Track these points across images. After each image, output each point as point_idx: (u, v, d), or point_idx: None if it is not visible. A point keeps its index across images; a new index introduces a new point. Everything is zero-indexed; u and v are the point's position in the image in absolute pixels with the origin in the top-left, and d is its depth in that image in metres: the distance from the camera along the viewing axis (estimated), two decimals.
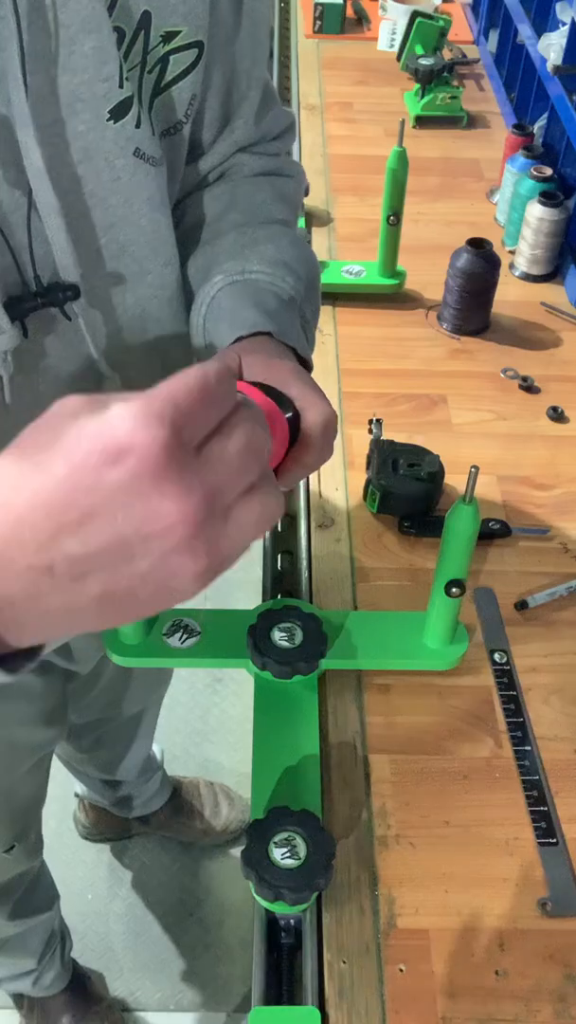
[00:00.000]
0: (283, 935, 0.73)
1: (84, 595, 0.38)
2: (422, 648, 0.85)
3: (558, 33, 1.44)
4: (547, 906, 0.73)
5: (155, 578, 0.39)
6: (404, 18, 1.77)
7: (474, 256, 1.20)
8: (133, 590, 0.39)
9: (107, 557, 0.37)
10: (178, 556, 0.38)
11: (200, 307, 0.71)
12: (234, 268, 0.70)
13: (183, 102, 0.67)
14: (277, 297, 0.69)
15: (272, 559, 1.00)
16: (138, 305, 0.71)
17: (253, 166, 0.78)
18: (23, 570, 0.37)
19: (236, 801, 1.76)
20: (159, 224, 0.69)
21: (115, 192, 0.64)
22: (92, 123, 0.60)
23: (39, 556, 0.37)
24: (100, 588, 0.38)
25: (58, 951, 1.45)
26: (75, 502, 0.37)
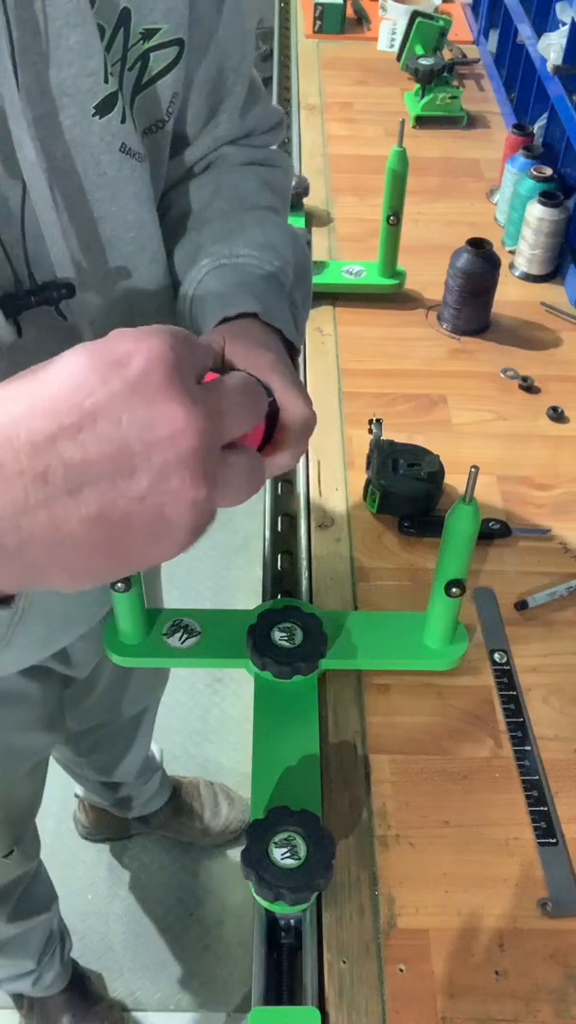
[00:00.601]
0: (283, 935, 0.73)
1: (76, 515, 0.35)
2: (422, 648, 0.85)
3: (558, 33, 1.44)
4: (547, 906, 0.73)
5: (153, 503, 0.36)
6: (404, 18, 1.77)
7: (474, 256, 1.20)
8: (128, 517, 0.36)
9: (107, 466, 0.35)
10: (179, 473, 0.36)
11: (187, 291, 0.70)
12: (221, 251, 0.69)
13: (165, 99, 0.66)
14: (264, 279, 0.68)
15: (272, 559, 1.00)
16: (126, 301, 0.71)
17: (238, 156, 0.78)
18: (14, 476, 0.35)
19: (236, 801, 1.76)
20: (145, 220, 0.68)
21: (101, 187, 0.63)
22: (78, 118, 0.59)
23: (33, 461, 0.35)
24: (95, 507, 0.35)
25: (57, 951, 1.45)
26: (77, 403, 0.35)
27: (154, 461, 0.36)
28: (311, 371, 1.19)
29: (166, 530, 0.37)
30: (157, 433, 0.36)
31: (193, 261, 0.71)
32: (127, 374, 0.36)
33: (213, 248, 0.70)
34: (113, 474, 0.36)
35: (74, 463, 0.35)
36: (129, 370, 0.36)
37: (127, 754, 1.47)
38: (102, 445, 0.35)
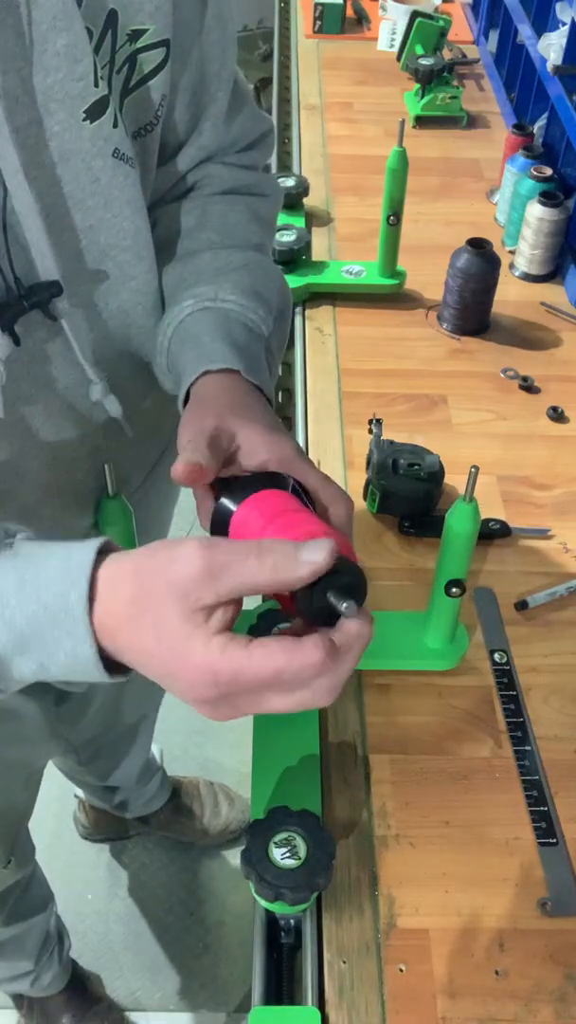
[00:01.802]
0: (283, 935, 0.73)
1: (138, 666, 0.54)
2: (422, 648, 0.85)
3: (558, 33, 1.44)
4: (547, 906, 0.73)
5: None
6: (404, 18, 1.77)
7: (474, 256, 1.20)
8: (163, 684, 0.54)
9: (153, 677, 0.54)
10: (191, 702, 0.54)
11: (167, 328, 0.70)
12: (206, 294, 0.69)
13: (153, 102, 0.65)
14: (247, 330, 0.68)
15: None
16: (122, 311, 0.70)
17: (225, 178, 0.77)
18: (120, 654, 0.54)
19: (236, 801, 1.76)
20: (140, 228, 0.67)
21: (94, 194, 0.62)
22: (67, 123, 0.58)
23: (133, 658, 0.53)
24: (145, 671, 0.54)
25: (55, 951, 1.44)
26: (154, 668, 0.52)
27: (180, 694, 0.54)
28: (311, 371, 1.19)
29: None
30: (186, 700, 0.54)
31: (175, 297, 0.70)
32: (177, 688, 0.53)
33: (199, 288, 0.69)
34: (160, 681, 0.53)
35: (142, 663, 0.53)
36: (178, 687, 0.53)
37: (126, 760, 1.47)
38: (155, 676, 0.53)
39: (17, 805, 1.14)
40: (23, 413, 0.67)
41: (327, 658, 0.50)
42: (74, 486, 0.76)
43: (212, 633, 0.49)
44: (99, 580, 0.52)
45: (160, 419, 0.83)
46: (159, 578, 0.50)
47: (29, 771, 1.09)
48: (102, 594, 0.52)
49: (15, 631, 0.53)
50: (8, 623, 0.52)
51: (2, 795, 1.06)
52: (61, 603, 0.52)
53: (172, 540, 0.52)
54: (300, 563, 0.49)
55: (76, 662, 0.53)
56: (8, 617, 0.52)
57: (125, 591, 0.51)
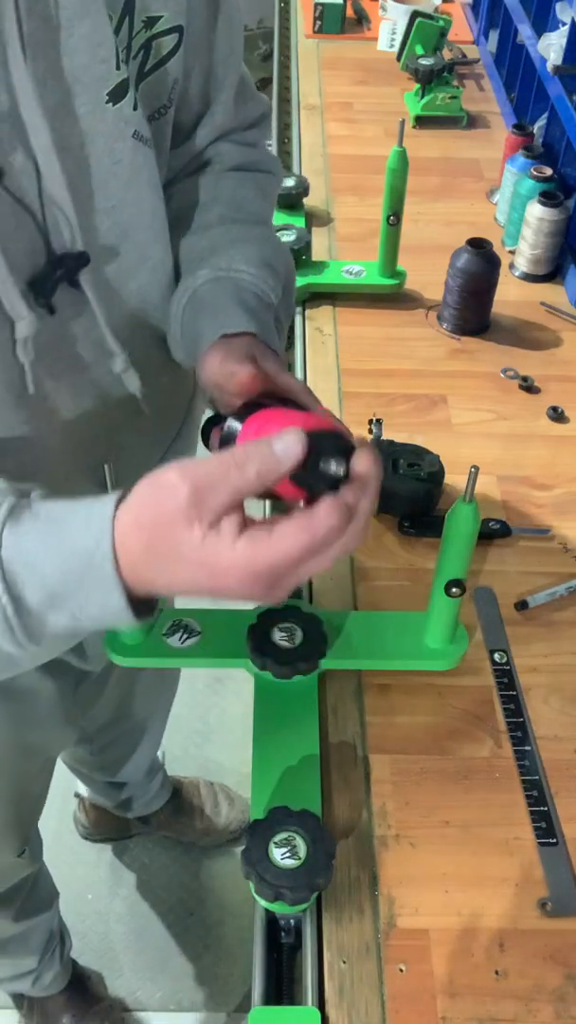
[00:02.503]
0: (283, 935, 0.73)
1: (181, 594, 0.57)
2: (422, 648, 0.85)
3: (558, 33, 1.44)
4: (547, 906, 0.73)
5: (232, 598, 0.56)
6: (404, 18, 1.77)
7: (474, 256, 1.20)
8: (215, 597, 0.56)
9: (201, 596, 0.56)
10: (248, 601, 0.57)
11: (181, 297, 0.72)
12: (220, 264, 0.72)
13: (167, 86, 0.68)
14: (259, 299, 0.71)
15: None
16: (140, 290, 0.72)
17: (234, 155, 0.80)
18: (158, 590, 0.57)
19: (236, 801, 1.76)
20: (157, 208, 0.70)
21: (116, 175, 0.64)
22: (92, 105, 0.60)
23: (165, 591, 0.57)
24: (191, 595, 0.57)
25: (57, 951, 1.45)
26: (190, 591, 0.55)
27: (236, 599, 0.56)
28: (311, 371, 1.19)
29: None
30: (238, 600, 0.56)
31: (189, 267, 0.73)
32: (223, 594, 0.55)
33: (212, 259, 0.73)
34: (209, 596, 0.56)
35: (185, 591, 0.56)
36: (224, 593, 0.54)
37: (136, 754, 1.47)
38: (203, 595, 0.56)
39: (33, 792, 1.14)
40: (48, 389, 0.68)
41: (343, 517, 0.54)
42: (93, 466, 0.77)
43: (232, 539, 0.52)
44: (116, 531, 0.55)
45: (175, 399, 0.85)
46: (156, 521, 0.53)
47: (45, 757, 1.09)
48: (120, 549, 0.55)
49: (47, 589, 0.55)
50: (40, 582, 0.55)
51: (20, 781, 1.06)
52: (88, 560, 0.54)
53: (154, 474, 0.54)
54: (279, 460, 0.53)
55: (107, 611, 0.56)
56: (39, 577, 0.55)
57: (136, 544, 0.54)
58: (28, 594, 0.55)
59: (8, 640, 0.57)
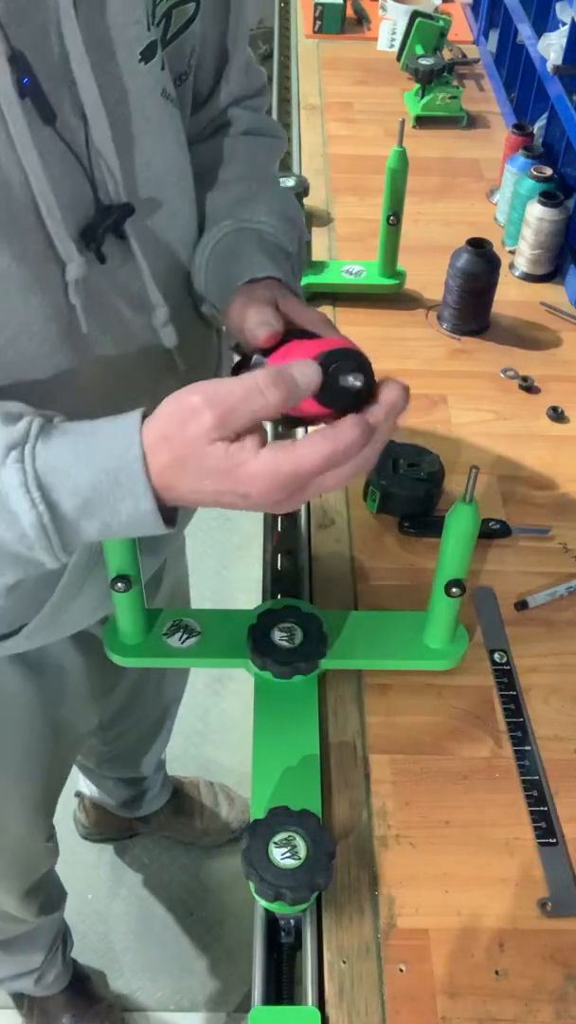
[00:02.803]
0: (283, 935, 0.73)
1: (217, 505, 0.60)
2: (422, 648, 0.85)
3: (558, 33, 1.44)
4: (547, 906, 0.73)
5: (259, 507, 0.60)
6: (404, 18, 1.77)
7: (474, 256, 1.20)
8: (236, 505, 0.60)
9: (234, 505, 0.59)
10: (272, 508, 0.60)
11: (205, 247, 0.76)
12: (242, 215, 0.77)
13: (186, 54, 0.72)
14: (279, 248, 0.76)
15: (272, 559, 1.00)
16: (170, 245, 0.74)
17: (245, 120, 0.85)
18: (178, 499, 0.60)
19: (236, 801, 1.76)
20: (184, 166, 0.73)
21: (148, 132, 0.68)
22: (128, 64, 0.64)
23: (189, 498, 0.59)
24: (228, 504, 0.59)
25: (60, 950, 1.45)
26: (216, 501, 0.59)
27: (258, 508, 0.60)
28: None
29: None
30: (267, 511, 0.61)
31: (214, 219, 0.78)
32: (249, 503, 0.58)
33: (234, 210, 0.77)
34: (231, 505, 0.59)
35: (210, 504, 0.60)
36: (249, 501, 0.58)
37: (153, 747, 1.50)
38: (224, 503, 0.59)
39: (60, 773, 1.14)
40: (94, 336, 0.70)
41: (364, 433, 0.58)
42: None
43: (255, 448, 0.56)
44: (144, 436, 0.58)
45: (206, 357, 0.87)
46: (181, 439, 0.56)
47: (72, 737, 1.09)
48: (149, 458, 0.58)
49: (80, 497, 0.58)
50: (73, 491, 0.58)
51: (49, 759, 1.06)
52: (119, 464, 0.58)
53: (179, 394, 0.58)
54: (298, 383, 0.57)
55: (137, 517, 0.59)
56: (72, 486, 0.57)
57: (163, 455, 0.57)
58: (63, 501, 0.58)
59: (44, 550, 0.59)
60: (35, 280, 0.63)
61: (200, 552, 2.17)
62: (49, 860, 1.29)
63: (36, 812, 1.11)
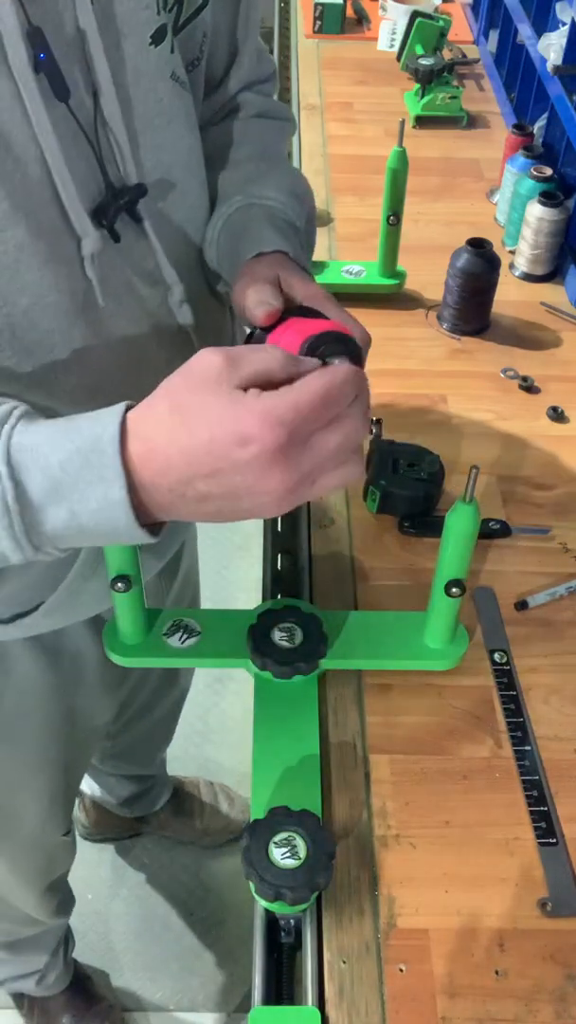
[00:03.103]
0: (283, 935, 0.73)
1: (201, 511, 0.57)
2: (422, 648, 0.85)
3: (558, 33, 1.44)
4: (547, 906, 0.73)
5: (249, 511, 0.56)
6: (404, 18, 1.77)
7: (474, 256, 1.20)
8: (233, 514, 0.57)
9: (222, 497, 0.55)
10: (270, 506, 0.56)
11: (216, 222, 0.78)
12: (251, 192, 0.78)
13: (198, 40, 0.74)
14: (288, 223, 0.77)
15: (272, 559, 1.00)
16: (181, 226, 0.75)
17: (256, 104, 0.87)
18: (166, 491, 0.56)
19: (236, 801, 1.76)
20: (194, 147, 0.75)
21: (159, 114, 0.69)
22: (139, 47, 0.66)
23: (178, 487, 0.55)
24: (213, 509, 0.56)
25: (62, 950, 1.45)
26: (210, 462, 0.54)
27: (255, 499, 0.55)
28: None
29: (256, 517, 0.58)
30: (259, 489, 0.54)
31: (224, 197, 0.80)
32: (247, 453, 0.53)
33: (245, 187, 0.79)
34: (226, 499, 0.55)
35: (202, 492, 0.55)
36: (249, 450, 0.53)
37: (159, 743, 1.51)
38: (222, 487, 0.55)
39: (78, 765, 1.15)
40: (110, 312, 0.70)
41: (357, 375, 0.56)
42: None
43: (257, 395, 0.54)
44: (130, 418, 0.56)
45: (220, 336, 0.88)
46: (187, 382, 0.55)
47: (90, 727, 1.09)
48: (136, 425, 0.56)
49: (49, 476, 0.55)
50: (43, 468, 0.55)
51: (68, 749, 1.06)
52: (93, 445, 0.55)
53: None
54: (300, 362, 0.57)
55: (106, 506, 0.55)
56: (43, 463, 0.55)
57: (161, 407, 0.56)
58: (30, 481, 0.55)
59: (6, 534, 0.56)
60: (51, 254, 0.64)
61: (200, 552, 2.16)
62: (67, 856, 1.30)
63: (53, 803, 1.11)
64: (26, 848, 1.17)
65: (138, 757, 1.53)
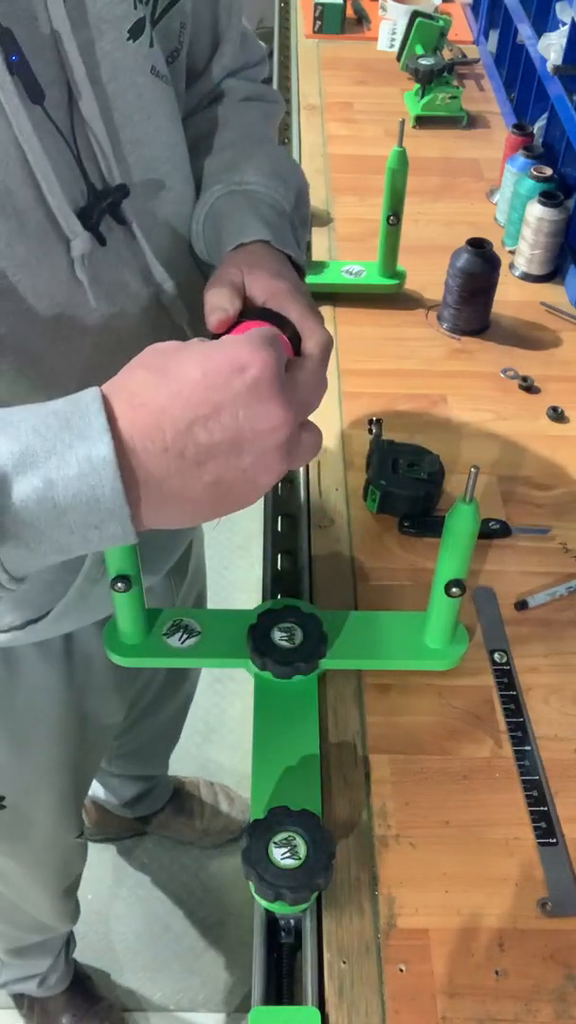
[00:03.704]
0: (283, 935, 0.73)
1: (200, 481, 0.51)
2: (422, 648, 0.85)
3: (558, 33, 1.44)
4: (547, 906, 0.73)
5: (252, 474, 0.52)
6: (404, 18, 1.77)
7: (474, 256, 1.20)
8: (233, 483, 0.52)
9: (225, 447, 0.50)
10: (273, 454, 0.52)
11: (199, 214, 0.76)
12: (231, 178, 0.76)
13: (175, 29, 0.72)
14: (272, 208, 0.75)
15: (272, 559, 1.00)
16: (167, 222, 0.74)
17: (241, 89, 0.86)
18: (161, 452, 0.50)
19: (236, 801, 1.76)
20: (177, 142, 0.73)
21: (139, 109, 0.68)
22: (116, 42, 0.64)
23: (176, 441, 0.50)
24: (213, 476, 0.51)
25: (64, 952, 1.45)
26: (208, 398, 0.50)
27: (258, 444, 0.51)
28: None
29: (253, 492, 0.53)
30: (263, 425, 0.51)
31: (205, 185, 0.78)
32: (245, 379, 0.50)
33: (225, 175, 0.77)
34: (229, 452, 0.51)
35: (203, 444, 0.50)
36: (247, 376, 0.50)
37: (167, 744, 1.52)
38: (225, 432, 0.50)
39: (88, 766, 1.15)
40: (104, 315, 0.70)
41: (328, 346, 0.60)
42: None
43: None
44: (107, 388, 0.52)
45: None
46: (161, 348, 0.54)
47: (99, 729, 1.09)
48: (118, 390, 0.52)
49: (19, 442, 0.49)
50: (12, 436, 0.49)
51: (78, 751, 1.06)
52: (72, 406, 0.50)
53: None
54: None
55: (90, 470, 0.48)
56: (13, 431, 0.49)
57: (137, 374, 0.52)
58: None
59: None
60: (35, 256, 0.63)
61: None
62: (80, 859, 1.30)
63: (65, 804, 1.12)
64: (41, 850, 1.17)
65: (145, 757, 1.54)
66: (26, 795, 1.05)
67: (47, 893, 1.24)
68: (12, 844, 1.12)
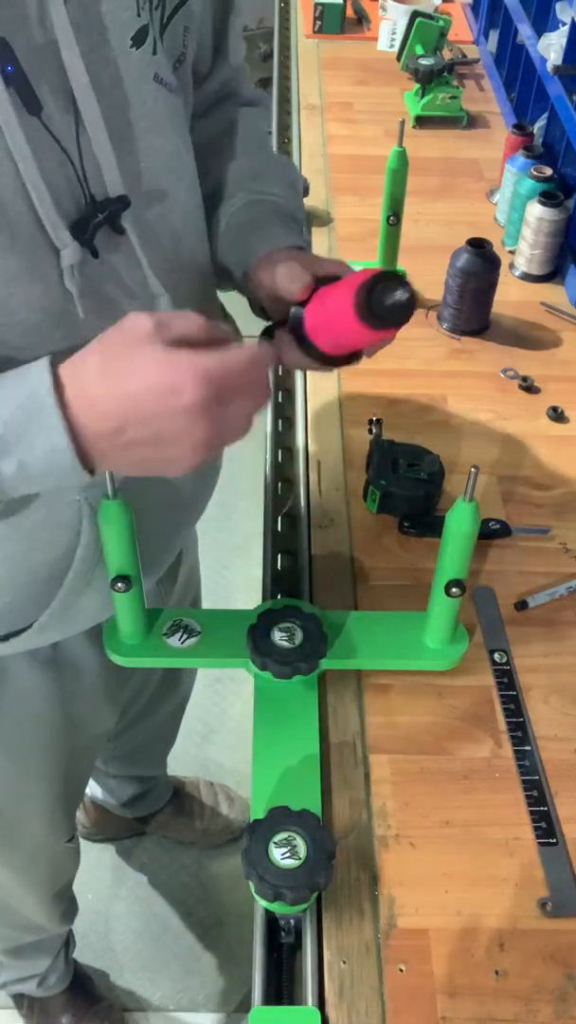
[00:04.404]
0: (283, 935, 0.73)
1: (127, 458, 0.62)
2: (422, 648, 0.85)
3: (558, 33, 1.44)
4: (547, 906, 0.73)
5: (171, 460, 0.62)
6: (404, 18, 1.77)
7: (474, 256, 1.20)
8: (156, 461, 0.62)
9: (150, 442, 0.60)
10: (190, 455, 0.61)
11: (222, 219, 0.81)
12: (255, 187, 0.82)
13: (179, 35, 0.73)
14: (292, 217, 0.82)
15: (272, 559, 1.00)
16: (172, 230, 0.75)
17: (242, 93, 0.90)
18: (102, 438, 0.60)
19: (236, 801, 1.76)
20: (180, 149, 0.74)
21: (143, 116, 0.68)
22: (119, 50, 0.64)
23: (111, 436, 0.60)
24: (139, 456, 0.61)
25: (63, 952, 1.45)
26: (141, 410, 0.58)
27: (178, 447, 0.60)
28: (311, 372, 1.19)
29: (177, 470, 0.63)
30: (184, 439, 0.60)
31: (227, 192, 0.83)
32: (181, 401, 0.58)
33: (247, 183, 0.83)
34: (153, 445, 0.60)
35: (131, 438, 0.60)
36: (183, 399, 0.58)
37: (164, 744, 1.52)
38: (150, 433, 0.59)
39: (79, 772, 1.15)
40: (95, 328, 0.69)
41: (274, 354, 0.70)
42: None
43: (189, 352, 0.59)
44: (62, 371, 0.59)
45: None
46: (120, 337, 0.60)
47: (90, 736, 1.09)
48: (71, 379, 0.59)
49: None
50: None
51: (68, 757, 1.06)
52: (32, 402, 0.59)
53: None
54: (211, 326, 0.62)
55: (53, 456, 0.60)
56: None
57: (93, 360, 0.60)
58: None
59: None
60: (26, 268, 0.63)
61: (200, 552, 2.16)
62: (72, 863, 1.30)
63: (56, 810, 1.11)
64: (31, 856, 1.17)
65: (142, 759, 1.54)
66: (16, 802, 1.05)
67: (38, 896, 1.24)
68: (2, 849, 1.12)
